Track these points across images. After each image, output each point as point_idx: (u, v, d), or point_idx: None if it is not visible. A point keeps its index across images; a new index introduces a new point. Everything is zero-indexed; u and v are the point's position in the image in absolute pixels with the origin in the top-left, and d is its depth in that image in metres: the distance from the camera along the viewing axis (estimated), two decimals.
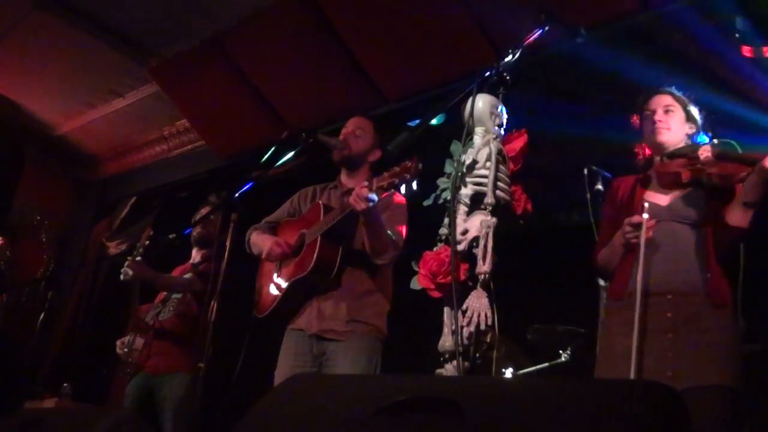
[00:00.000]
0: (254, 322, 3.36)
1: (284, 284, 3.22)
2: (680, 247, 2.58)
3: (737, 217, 2.50)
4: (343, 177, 3.45)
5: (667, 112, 2.80)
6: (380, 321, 3.19)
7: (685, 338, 2.45)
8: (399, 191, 2.84)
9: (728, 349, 2.46)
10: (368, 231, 3.04)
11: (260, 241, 3.40)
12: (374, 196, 2.84)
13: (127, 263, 4.09)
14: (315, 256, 3.06)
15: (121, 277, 4.10)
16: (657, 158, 2.81)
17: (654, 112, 2.81)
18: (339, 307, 3.12)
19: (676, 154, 2.71)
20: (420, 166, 2.65)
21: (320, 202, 3.32)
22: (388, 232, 3.10)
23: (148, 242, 4.26)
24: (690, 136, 2.80)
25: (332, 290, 3.15)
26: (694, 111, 2.83)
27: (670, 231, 2.61)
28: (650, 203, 2.66)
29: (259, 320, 3.34)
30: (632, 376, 2.34)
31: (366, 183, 2.87)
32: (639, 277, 2.50)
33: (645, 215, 2.55)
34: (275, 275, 3.33)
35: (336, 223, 3.07)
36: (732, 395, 2.39)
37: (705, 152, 2.58)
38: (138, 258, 4.10)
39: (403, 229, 3.23)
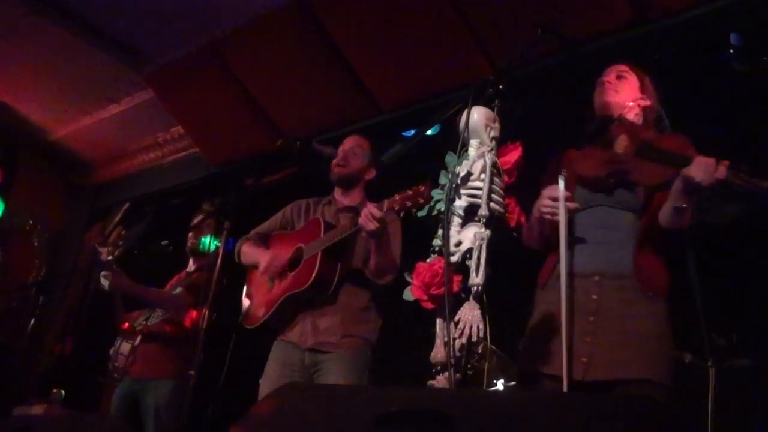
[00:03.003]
0: (243, 332, 3.35)
1: (278, 297, 3.21)
2: (614, 231, 2.45)
3: (668, 219, 2.36)
4: (338, 194, 3.45)
5: (619, 77, 2.70)
6: (373, 336, 3.22)
7: (609, 323, 2.32)
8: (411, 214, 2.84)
9: (660, 342, 2.30)
10: (376, 251, 3.05)
11: (254, 253, 3.39)
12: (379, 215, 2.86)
13: (103, 273, 4.08)
14: (315, 271, 3.07)
15: (100, 286, 4.10)
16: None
17: (605, 75, 2.72)
18: (334, 322, 3.13)
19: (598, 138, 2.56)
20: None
21: (319, 217, 3.32)
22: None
23: (121, 242, 4.24)
24: (644, 109, 2.63)
25: (329, 305, 3.15)
26: (652, 85, 2.69)
27: (606, 214, 2.49)
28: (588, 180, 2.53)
29: (247, 330, 3.34)
30: (564, 363, 2.21)
31: (378, 204, 2.88)
32: (563, 258, 2.35)
33: (561, 186, 2.40)
34: (268, 287, 3.32)
35: (339, 240, 3.08)
36: (664, 392, 2.21)
37: (622, 144, 2.44)
38: (110, 258, 4.08)
39: (399, 244, 3.24)
